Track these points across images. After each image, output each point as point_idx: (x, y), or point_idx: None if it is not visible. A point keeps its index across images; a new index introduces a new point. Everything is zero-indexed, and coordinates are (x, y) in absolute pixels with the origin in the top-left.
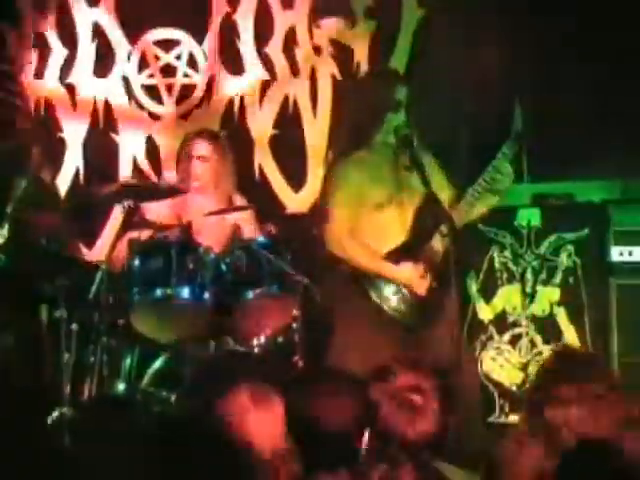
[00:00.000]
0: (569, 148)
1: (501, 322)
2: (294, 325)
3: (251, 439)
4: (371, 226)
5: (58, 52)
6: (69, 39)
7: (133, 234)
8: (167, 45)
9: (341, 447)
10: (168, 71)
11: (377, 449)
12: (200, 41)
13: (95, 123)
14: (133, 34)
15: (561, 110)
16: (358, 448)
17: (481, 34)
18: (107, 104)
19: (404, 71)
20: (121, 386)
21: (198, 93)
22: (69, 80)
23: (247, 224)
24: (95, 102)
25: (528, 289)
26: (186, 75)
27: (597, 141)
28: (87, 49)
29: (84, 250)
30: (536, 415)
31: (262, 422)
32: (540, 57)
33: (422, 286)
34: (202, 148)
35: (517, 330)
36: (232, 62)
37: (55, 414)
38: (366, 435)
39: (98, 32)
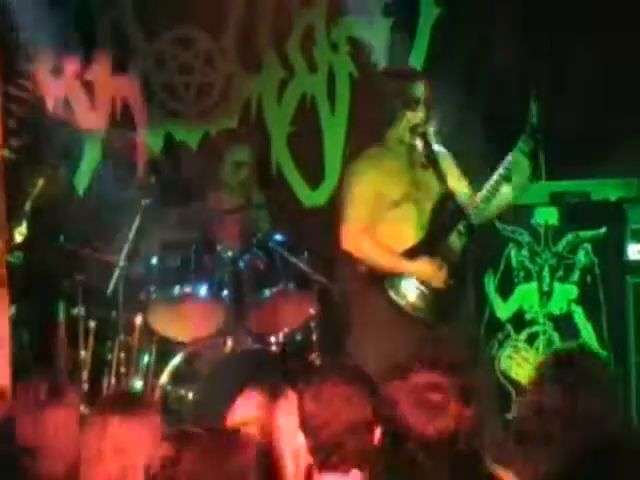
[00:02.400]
0: (586, 147)
1: (518, 320)
2: (311, 323)
3: (267, 436)
4: (388, 224)
5: (77, 50)
6: (88, 37)
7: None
8: (185, 43)
9: (350, 446)
10: (186, 69)
11: (395, 447)
12: (218, 39)
13: (113, 121)
14: (151, 33)
15: (578, 109)
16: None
17: (498, 31)
18: (125, 102)
19: (422, 68)
20: (138, 383)
21: (216, 91)
22: (87, 78)
23: (265, 222)
24: (113, 100)
25: (545, 287)
26: (204, 73)
27: (614, 140)
28: (106, 47)
29: (102, 248)
30: None
31: (277, 419)
32: (558, 54)
33: (439, 283)
34: (244, 153)
35: (534, 328)
36: (250, 60)
37: None
38: (378, 433)
39: (116, 30)
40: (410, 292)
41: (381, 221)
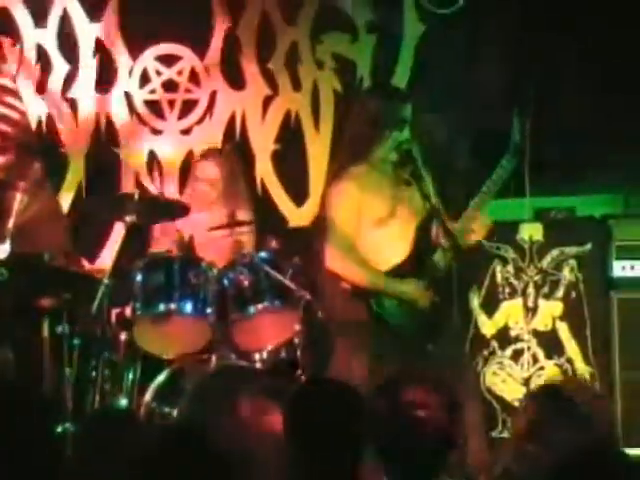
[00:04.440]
0: (571, 163)
1: (503, 337)
2: (296, 340)
3: (251, 452)
4: (372, 242)
5: (60, 67)
6: (71, 54)
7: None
8: (169, 60)
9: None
10: (170, 86)
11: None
12: (202, 56)
13: (97, 138)
14: (135, 49)
15: (562, 125)
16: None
17: (481, 49)
18: (109, 119)
19: (406, 86)
20: (123, 401)
21: (200, 108)
22: (71, 95)
23: (249, 239)
24: (97, 117)
25: (530, 304)
26: (188, 90)
27: (598, 156)
28: (89, 64)
29: (86, 264)
30: None
31: (262, 436)
32: (541, 72)
33: (424, 301)
34: (209, 170)
35: (519, 345)
36: (234, 77)
37: (58, 429)
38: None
39: (100, 47)
40: (395, 309)
41: (366, 239)
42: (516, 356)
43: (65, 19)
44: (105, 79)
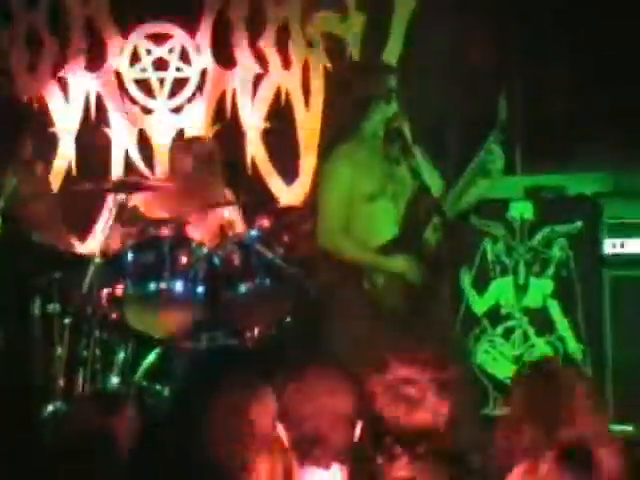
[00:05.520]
0: (562, 141)
1: (494, 315)
2: (287, 318)
3: (243, 432)
4: (363, 219)
5: (50, 46)
6: (61, 33)
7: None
8: (159, 39)
9: (333, 440)
10: (160, 65)
11: (373, 442)
12: (192, 34)
13: (87, 117)
14: (125, 28)
15: (553, 103)
16: (351, 441)
17: (471, 26)
18: (99, 98)
19: (397, 62)
20: (114, 380)
21: (191, 87)
22: (61, 74)
23: (240, 218)
24: (87, 96)
25: (521, 281)
26: (178, 69)
27: (590, 134)
28: (79, 43)
29: (77, 244)
30: None
31: (255, 415)
32: (532, 50)
33: (415, 278)
34: (183, 163)
35: (510, 323)
36: (225, 55)
37: (48, 408)
38: (359, 428)
39: (90, 26)
40: (386, 287)
41: (356, 216)
42: (507, 334)
43: None
44: (95, 58)
